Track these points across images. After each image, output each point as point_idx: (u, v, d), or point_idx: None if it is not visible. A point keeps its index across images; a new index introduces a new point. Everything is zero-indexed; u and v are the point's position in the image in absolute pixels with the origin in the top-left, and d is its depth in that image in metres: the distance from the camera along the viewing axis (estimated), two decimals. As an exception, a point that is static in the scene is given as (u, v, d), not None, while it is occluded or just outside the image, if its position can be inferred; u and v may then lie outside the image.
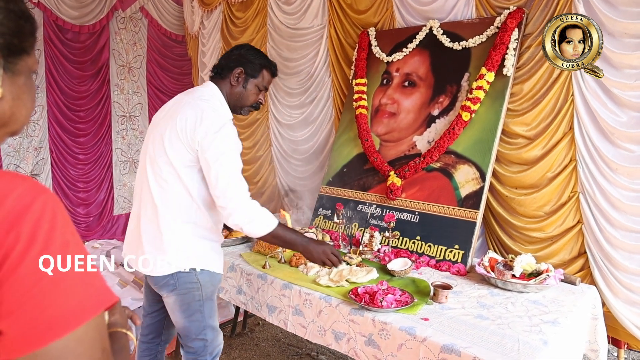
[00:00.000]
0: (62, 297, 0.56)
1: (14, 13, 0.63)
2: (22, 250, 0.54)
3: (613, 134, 2.17)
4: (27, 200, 0.56)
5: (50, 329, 0.54)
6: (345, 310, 1.84)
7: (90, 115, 4.37)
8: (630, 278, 2.16)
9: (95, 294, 0.60)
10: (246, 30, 3.85)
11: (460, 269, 2.23)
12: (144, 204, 1.80)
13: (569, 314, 1.80)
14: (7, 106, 0.65)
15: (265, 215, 1.77)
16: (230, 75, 1.88)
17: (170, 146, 1.72)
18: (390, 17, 3.00)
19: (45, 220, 0.56)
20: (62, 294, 0.56)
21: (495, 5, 2.53)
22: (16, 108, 0.67)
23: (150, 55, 4.76)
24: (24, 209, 0.55)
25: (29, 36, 0.66)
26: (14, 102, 0.66)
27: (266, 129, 3.85)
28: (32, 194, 0.57)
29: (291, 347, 3.09)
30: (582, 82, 2.22)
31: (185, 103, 1.78)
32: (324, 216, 2.93)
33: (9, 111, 0.66)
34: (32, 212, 0.56)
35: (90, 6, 4.20)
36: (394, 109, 2.83)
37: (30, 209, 0.56)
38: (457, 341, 1.55)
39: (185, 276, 1.77)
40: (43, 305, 0.54)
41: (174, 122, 1.73)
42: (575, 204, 2.32)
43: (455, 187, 2.42)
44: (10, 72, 0.64)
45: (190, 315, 1.82)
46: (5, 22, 0.62)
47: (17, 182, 0.58)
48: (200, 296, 1.81)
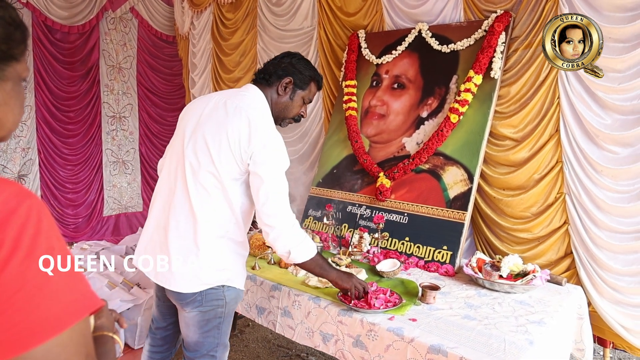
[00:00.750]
0: (46, 302, 0.56)
1: (3, 20, 0.63)
2: (6, 256, 0.54)
3: (598, 136, 2.21)
4: (12, 205, 0.56)
5: (33, 333, 0.54)
6: (334, 311, 1.85)
7: (79, 115, 4.34)
8: (615, 278, 2.20)
9: (80, 298, 0.60)
10: (236, 32, 3.86)
11: (449, 269, 2.25)
12: (176, 215, 1.64)
13: (555, 314, 1.82)
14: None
15: (309, 240, 1.69)
16: (278, 84, 1.77)
17: (218, 157, 1.59)
18: (380, 19, 3.02)
19: (30, 225, 0.56)
20: (46, 298, 0.56)
21: (482, 8, 2.56)
22: (3, 114, 0.66)
23: (141, 55, 4.74)
24: (9, 214, 0.55)
25: (19, 43, 0.66)
26: (1, 108, 0.66)
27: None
28: (17, 199, 0.57)
29: (281, 348, 3.09)
30: (567, 85, 2.26)
31: (236, 110, 1.63)
32: (313, 217, 2.93)
33: None
34: (17, 217, 0.56)
35: (80, 6, 4.18)
36: (384, 110, 2.85)
37: (15, 214, 0.56)
38: (444, 341, 1.56)
39: (213, 293, 1.65)
40: (27, 310, 0.54)
41: (224, 131, 1.59)
42: (562, 205, 2.35)
43: (443, 189, 2.45)
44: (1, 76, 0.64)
45: (207, 332, 1.71)
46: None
47: (1, 187, 0.57)
48: (222, 313, 1.71)
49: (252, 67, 3.80)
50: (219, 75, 4.09)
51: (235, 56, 3.91)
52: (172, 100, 4.93)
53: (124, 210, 4.80)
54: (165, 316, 1.89)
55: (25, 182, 4.00)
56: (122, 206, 4.78)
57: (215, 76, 4.13)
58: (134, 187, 4.86)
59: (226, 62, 3.99)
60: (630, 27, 2.06)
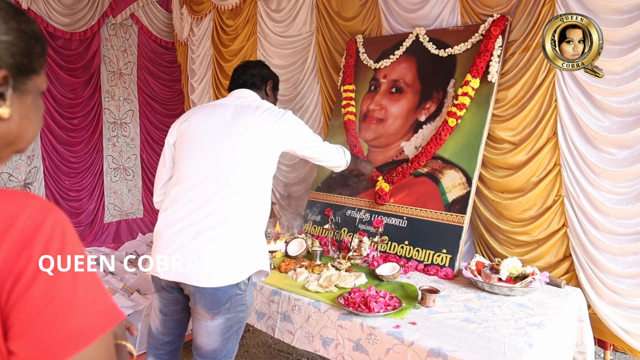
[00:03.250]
0: (73, 316, 0.57)
1: (25, 34, 0.64)
2: (34, 271, 0.55)
3: (596, 139, 2.22)
4: (38, 220, 0.57)
5: (62, 348, 0.55)
6: (334, 315, 1.85)
7: (82, 122, 4.35)
8: (614, 280, 2.20)
9: (105, 311, 0.61)
10: (236, 38, 3.88)
11: (448, 273, 2.25)
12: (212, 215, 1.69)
13: (554, 316, 1.82)
14: (14, 125, 0.66)
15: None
16: (264, 87, 2.08)
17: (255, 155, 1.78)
18: (378, 24, 3.04)
19: (55, 240, 0.57)
20: (73, 312, 0.57)
21: (479, 12, 2.57)
22: (23, 127, 0.67)
23: (141, 61, 4.76)
24: (35, 229, 0.56)
25: (40, 57, 0.68)
26: (21, 122, 0.67)
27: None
28: (43, 213, 0.58)
29: (281, 353, 3.09)
30: (565, 88, 2.27)
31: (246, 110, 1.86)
32: (313, 222, 2.94)
33: (16, 130, 0.67)
34: (43, 232, 0.57)
35: (81, 13, 4.20)
36: (382, 115, 2.86)
37: (41, 229, 0.57)
38: (444, 345, 1.57)
39: (239, 299, 1.71)
40: (54, 325, 0.55)
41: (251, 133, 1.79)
42: (560, 208, 2.36)
43: (442, 192, 2.45)
44: (19, 92, 0.65)
45: (228, 338, 1.75)
46: (17, 43, 0.63)
47: (27, 202, 0.59)
48: (243, 318, 1.78)
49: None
50: (219, 82, 4.11)
51: (235, 62, 3.93)
52: (172, 106, 4.94)
53: (125, 216, 4.80)
54: (172, 330, 1.87)
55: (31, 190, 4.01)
56: (122, 213, 4.78)
57: (215, 82, 4.15)
58: (135, 193, 4.87)
59: (226, 69, 4.01)
60: (627, 30, 2.07)
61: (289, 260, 2.38)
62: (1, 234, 0.55)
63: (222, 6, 3.90)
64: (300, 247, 2.51)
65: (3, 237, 0.54)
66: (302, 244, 2.52)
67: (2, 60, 0.61)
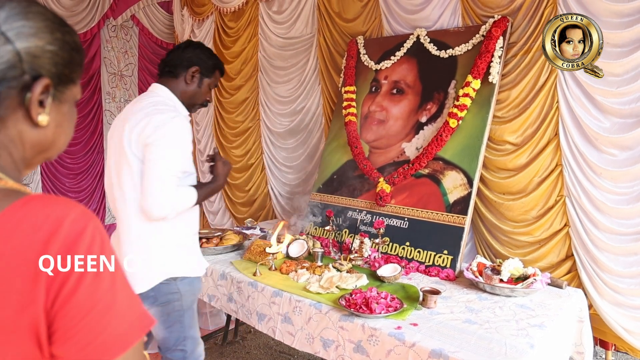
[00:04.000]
0: (113, 322, 0.58)
1: (68, 44, 0.66)
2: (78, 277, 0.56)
3: (597, 140, 2.22)
4: (80, 227, 0.58)
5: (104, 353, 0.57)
6: (335, 316, 1.85)
7: (81, 123, 4.36)
8: (616, 279, 2.20)
9: (140, 318, 0.62)
10: (238, 40, 3.89)
11: (449, 274, 2.25)
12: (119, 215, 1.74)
13: (555, 317, 1.82)
14: (50, 133, 0.67)
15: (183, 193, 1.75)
16: (185, 74, 1.84)
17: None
18: (379, 25, 3.04)
19: (96, 247, 0.59)
20: (113, 319, 0.58)
21: (480, 14, 2.58)
22: (57, 135, 0.69)
23: (142, 63, 4.77)
24: (78, 235, 0.58)
25: (78, 67, 0.69)
26: (56, 130, 0.68)
27: (258, 137, 3.87)
28: (84, 220, 0.59)
29: (283, 355, 3.09)
30: (566, 89, 2.27)
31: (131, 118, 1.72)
32: (314, 223, 2.94)
33: (51, 138, 0.68)
34: (84, 238, 0.58)
35: (81, 15, 4.21)
36: (383, 116, 2.86)
37: (83, 235, 0.58)
38: (445, 346, 1.57)
39: (164, 287, 1.72)
40: (97, 330, 0.57)
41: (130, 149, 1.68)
42: (562, 208, 2.36)
43: (443, 193, 2.45)
44: (57, 101, 0.66)
45: (170, 326, 1.78)
46: (60, 53, 0.64)
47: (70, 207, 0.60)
48: (180, 306, 1.78)
49: (254, 75, 3.82)
50: (220, 82, 4.11)
51: (236, 64, 3.94)
52: (173, 107, 4.95)
53: (126, 217, 4.80)
54: None
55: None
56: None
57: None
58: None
59: (228, 70, 4.01)
60: (628, 32, 2.09)
61: (290, 261, 2.38)
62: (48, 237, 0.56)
63: (224, 8, 3.91)
64: (301, 248, 2.51)
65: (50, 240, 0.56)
66: (303, 245, 2.52)
67: (45, 69, 0.62)
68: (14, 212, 0.57)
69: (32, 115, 0.63)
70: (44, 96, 0.63)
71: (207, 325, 3.43)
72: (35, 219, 0.57)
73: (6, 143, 0.63)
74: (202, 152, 4.52)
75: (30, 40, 0.60)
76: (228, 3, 3.85)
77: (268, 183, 3.86)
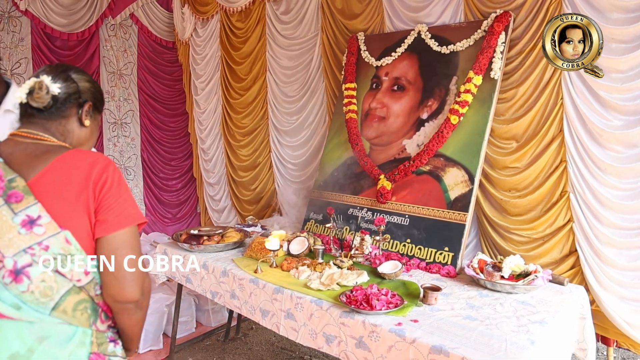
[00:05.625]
0: (127, 208, 1.12)
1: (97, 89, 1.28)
2: (110, 184, 1.09)
3: (602, 136, 2.22)
4: (107, 161, 1.12)
5: (125, 220, 1.10)
6: (336, 313, 1.85)
7: (81, 122, 4.36)
8: (619, 273, 2.21)
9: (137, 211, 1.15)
10: (247, 41, 3.87)
11: (450, 270, 2.25)
12: None
13: (556, 314, 1.82)
14: (88, 133, 1.25)
15: None
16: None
17: None
18: (380, 22, 3.03)
19: (117, 171, 1.13)
20: (128, 206, 1.12)
21: (483, 10, 2.56)
22: (90, 135, 1.28)
23: (141, 62, 4.76)
24: (106, 165, 1.11)
25: (101, 102, 1.31)
26: (90, 132, 1.27)
27: (266, 135, 3.89)
28: (107, 159, 1.14)
29: (284, 351, 3.09)
30: (571, 86, 2.27)
31: None
32: (315, 220, 2.94)
33: (87, 135, 1.26)
34: (111, 166, 1.12)
35: (79, 13, 4.19)
36: (384, 113, 2.85)
37: (110, 165, 1.12)
38: (445, 342, 1.56)
39: None
40: (119, 210, 1.10)
41: None
42: (566, 203, 2.36)
43: (444, 190, 2.45)
44: (92, 117, 1.26)
45: None
46: (94, 92, 1.26)
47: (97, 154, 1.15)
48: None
49: (262, 75, 3.81)
50: (229, 84, 4.10)
51: (246, 65, 3.92)
52: (173, 105, 4.94)
53: (126, 216, 4.81)
54: None
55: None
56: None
57: (225, 84, 4.15)
58: (136, 193, 4.87)
59: (238, 71, 4.01)
60: (633, 28, 2.08)
61: (291, 258, 2.38)
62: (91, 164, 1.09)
63: (230, 8, 3.89)
64: (302, 245, 2.51)
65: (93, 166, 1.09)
66: (304, 242, 2.52)
67: (89, 98, 1.23)
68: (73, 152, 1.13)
69: (82, 119, 1.22)
70: (87, 111, 1.23)
71: (209, 322, 3.43)
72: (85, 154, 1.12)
73: (64, 132, 1.19)
74: (204, 151, 4.53)
75: (83, 83, 1.22)
76: (234, 3, 3.83)
77: (275, 181, 3.87)
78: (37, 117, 1.15)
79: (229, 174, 4.29)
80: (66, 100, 1.16)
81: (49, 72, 1.16)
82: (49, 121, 1.15)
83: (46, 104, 1.12)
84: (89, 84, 1.22)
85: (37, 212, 1.00)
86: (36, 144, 1.11)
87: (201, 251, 2.58)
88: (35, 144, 1.11)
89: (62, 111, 1.16)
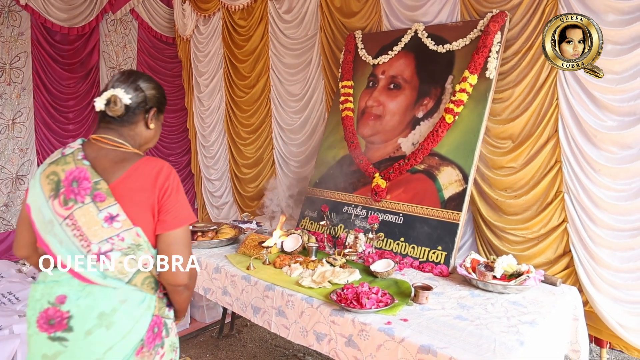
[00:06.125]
0: (183, 210, 1.32)
1: (162, 95, 1.46)
2: (170, 191, 1.29)
3: (596, 137, 2.21)
4: (169, 170, 1.31)
5: (179, 222, 1.30)
6: (326, 311, 1.85)
7: (79, 116, 4.34)
8: (612, 274, 2.21)
9: (190, 213, 1.34)
10: (250, 38, 3.87)
11: (443, 270, 2.25)
12: None
13: (547, 314, 1.81)
14: (153, 134, 1.44)
15: None
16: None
17: None
18: (378, 21, 3.02)
19: (176, 179, 1.32)
20: (184, 209, 1.32)
21: (480, 10, 2.56)
22: (155, 135, 1.46)
23: (141, 57, 4.75)
24: (168, 174, 1.30)
25: (164, 105, 1.48)
26: (154, 132, 1.45)
27: (269, 133, 3.90)
28: (170, 168, 1.32)
29: (278, 348, 3.10)
30: (566, 87, 2.26)
31: None
32: (309, 217, 2.94)
33: (152, 136, 1.45)
34: (172, 175, 1.31)
35: (79, 8, 4.19)
36: (380, 111, 2.85)
37: (171, 174, 1.31)
38: (434, 342, 1.56)
39: None
40: (176, 213, 1.30)
41: None
42: (560, 204, 2.36)
43: (438, 189, 2.44)
44: (156, 119, 1.44)
45: None
46: (160, 98, 1.44)
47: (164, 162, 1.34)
48: None
49: (265, 73, 3.81)
50: (232, 81, 4.10)
51: (250, 63, 3.92)
52: (173, 101, 4.93)
53: (124, 211, 4.81)
54: None
55: (24, 183, 4.01)
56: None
57: (228, 82, 4.15)
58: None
59: (241, 69, 4.01)
60: (627, 30, 2.08)
61: (284, 255, 2.38)
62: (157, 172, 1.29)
63: (232, 5, 3.88)
64: (296, 242, 2.51)
65: (158, 174, 1.29)
66: (298, 239, 2.52)
67: (154, 104, 1.42)
68: (144, 161, 1.32)
69: (148, 123, 1.41)
70: (153, 115, 1.42)
71: (203, 318, 3.44)
72: (153, 164, 1.31)
73: (133, 135, 1.39)
74: (206, 147, 4.56)
75: (149, 91, 1.40)
76: (236, 0, 3.83)
77: (277, 177, 3.88)
78: (112, 123, 1.36)
79: (232, 171, 4.31)
80: (136, 109, 1.37)
81: (122, 82, 1.36)
82: (122, 127, 1.37)
83: (120, 114, 1.34)
84: (154, 91, 1.41)
85: (116, 211, 1.24)
86: (115, 151, 1.33)
87: (195, 247, 2.58)
88: (115, 151, 1.33)
89: (132, 118, 1.37)
